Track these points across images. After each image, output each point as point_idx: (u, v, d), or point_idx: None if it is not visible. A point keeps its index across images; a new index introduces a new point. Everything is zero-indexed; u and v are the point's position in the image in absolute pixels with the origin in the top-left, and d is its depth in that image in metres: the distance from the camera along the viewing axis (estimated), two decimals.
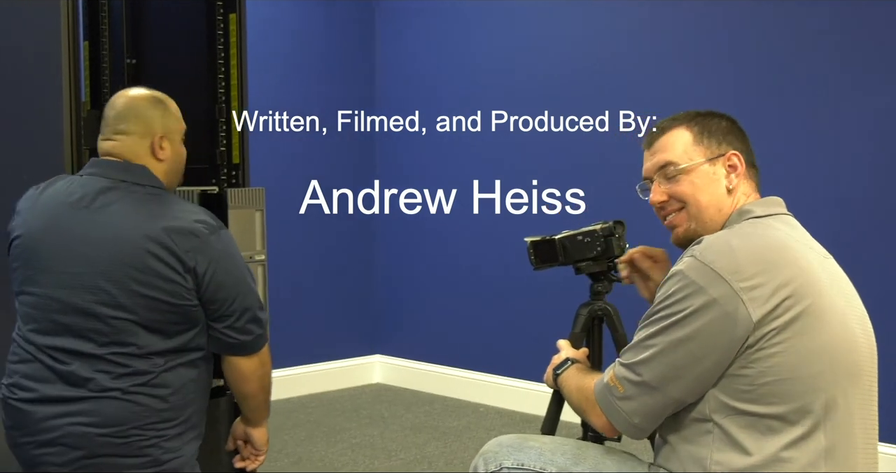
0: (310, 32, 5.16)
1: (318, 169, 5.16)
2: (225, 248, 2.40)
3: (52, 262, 2.37)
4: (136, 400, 2.31)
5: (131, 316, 2.31)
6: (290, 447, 4.16)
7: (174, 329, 2.36)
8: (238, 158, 3.28)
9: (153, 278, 2.30)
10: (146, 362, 2.32)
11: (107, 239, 2.33)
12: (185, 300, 2.34)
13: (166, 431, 2.34)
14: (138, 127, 2.49)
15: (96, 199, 2.40)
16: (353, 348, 5.37)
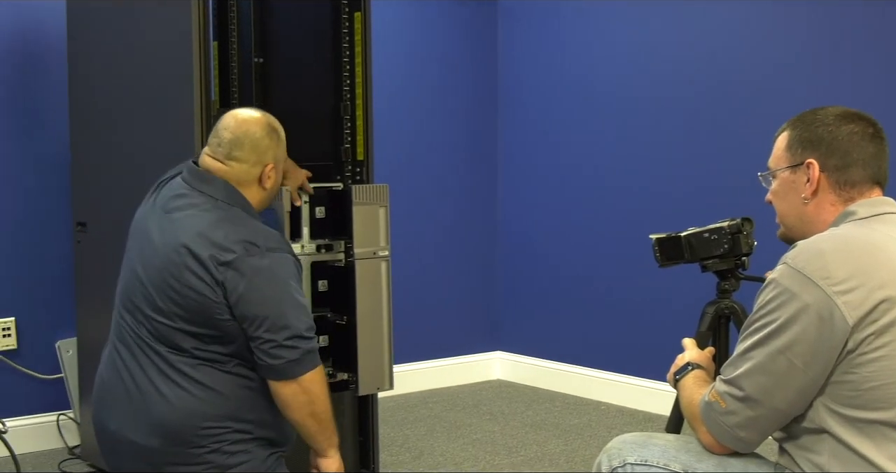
0: (432, 32, 5.17)
1: (441, 167, 5.19)
2: (265, 268, 2.36)
3: (129, 260, 2.50)
4: (183, 405, 2.33)
5: (168, 321, 2.36)
6: (412, 441, 4.19)
7: (211, 339, 2.38)
8: (362, 155, 3.32)
9: (187, 289, 2.34)
10: (188, 364, 2.36)
11: (162, 245, 2.40)
12: (216, 314, 2.34)
13: (226, 436, 2.35)
14: (252, 156, 2.51)
15: (171, 204, 2.47)
16: (473, 344, 5.37)
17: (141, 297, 2.41)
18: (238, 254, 2.34)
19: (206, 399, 2.33)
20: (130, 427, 2.36)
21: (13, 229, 4.04)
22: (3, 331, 4.01)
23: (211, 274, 2.32)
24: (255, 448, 2.38)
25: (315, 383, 2.39)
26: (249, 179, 2.52)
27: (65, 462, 3.88)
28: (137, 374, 2.38)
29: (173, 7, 3.17)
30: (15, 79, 4.05)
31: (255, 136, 2.51)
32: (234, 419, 2.36)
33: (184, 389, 2.33)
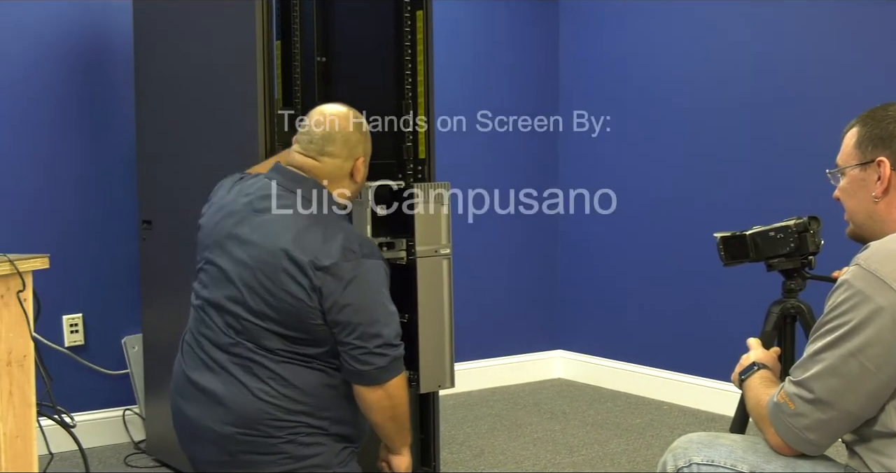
0: (493, 30, 5.16)
1: (503, 165, 5.18)
2: (361, 275, 2.37)
3: (212, 256, 2.48)
4: (264, 398, 2.35)
5: (258, 321, 2.37)
6: (473, 439, 4.19)
7: (300, 341, 2.39)
8: (424, 153, 3.33)
9: (283, 293, 2.34)
10: (272, 361, 2.37)
11: (256, 246, 2.40)
12: (310, 318, 2.35)
13: (301, 429, 2.36)
14: (344, 150, 2.54)
15: (262, 204, 2.47)
16: (535, 343, 5.36)
17: (229, 294, 2.41)
18: (336, 260, 2.34)
19: (287, 395, 2.35)
20: (209, 416, 2.38)
21: (81, 228, 4.10)
22: (71, 327, 4.08)
23: (309, 279, 2.33)
24: (329, 442, 2.39)
25: (399, 388, 2.43)
26: (342, 174, 2.55)
27: (130, 457, 3.94)
28: (219, 368, 2.40)
29: (237, 7, 3.20)
30: (83, 81, 4.11)
31: (346, 131, 2.54)
32: (311, 415, 2.38)
33: (265, 383, 2.35)
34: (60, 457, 3.10)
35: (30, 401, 2.16)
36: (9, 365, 2.10)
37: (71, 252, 4.03)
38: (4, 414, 2.10)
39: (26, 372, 2.15)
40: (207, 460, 2.44)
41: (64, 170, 4.07)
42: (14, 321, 2.11)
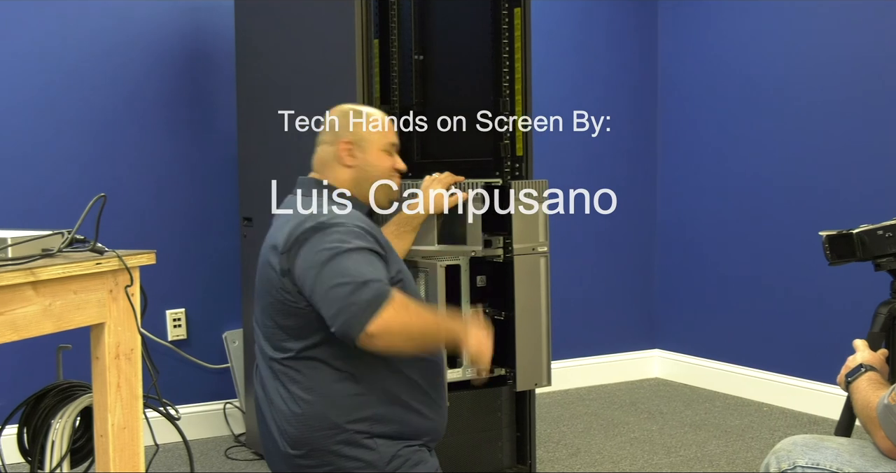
0: (591, 27, 5.12)
1: (601, 164, 5.14)
2: (312, 242, 2.29)
3: None
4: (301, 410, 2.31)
5: (270, 322, 2.37)
6: (569, 438, 4.17)
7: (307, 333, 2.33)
8: (521, 151, 3.32)
9: (269, 287, 2.35)
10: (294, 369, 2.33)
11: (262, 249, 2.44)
12: (294, 303, 2.31)
13: (343, 436, 2.30)
14: (330, 136, 2.59)
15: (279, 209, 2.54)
16: (632, 342, 5.31)
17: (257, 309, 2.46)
18: (292, 241, 2.30)
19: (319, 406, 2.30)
20: (265, 430, 2.40)
21: (185, 225, 4.19)
22: (174, 322, 4.17)
23: (280, 265, 2.31)
24: (379, 445, 2.33)
25: (388, 322, 2.17)
26: (329, 158, 2.58)
27: (231, 449, 4.01)
28: (264, 383, 2.42)
29: (337, 6, 3.24)
30: (186, 81, 4.20)
31: (332, 119, 2.62)
32: (350, 421, 2.31)
33: (298, 398, 2.31)
34: (164, 449, 3.17)
35: (137, 394, 2.21)
36: (117, 358, 2.15)
37: (174, 248, 4.12)
38: (113, 406, 2.15)
39: (133, 365, 2.20)
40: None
41: (168, 168, 4.16)
42: (122, 315, 2.16)
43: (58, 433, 2.36)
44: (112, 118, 4.05)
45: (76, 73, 3.98)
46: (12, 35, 3.87)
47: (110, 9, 4.03)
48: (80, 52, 3.99)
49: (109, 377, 2.15)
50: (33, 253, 2.01)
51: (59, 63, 3.96)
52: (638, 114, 5.24)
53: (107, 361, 2.14)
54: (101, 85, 4.02)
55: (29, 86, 3.90)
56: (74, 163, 3.98)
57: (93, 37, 4.01)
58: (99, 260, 2.08)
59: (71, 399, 2.42)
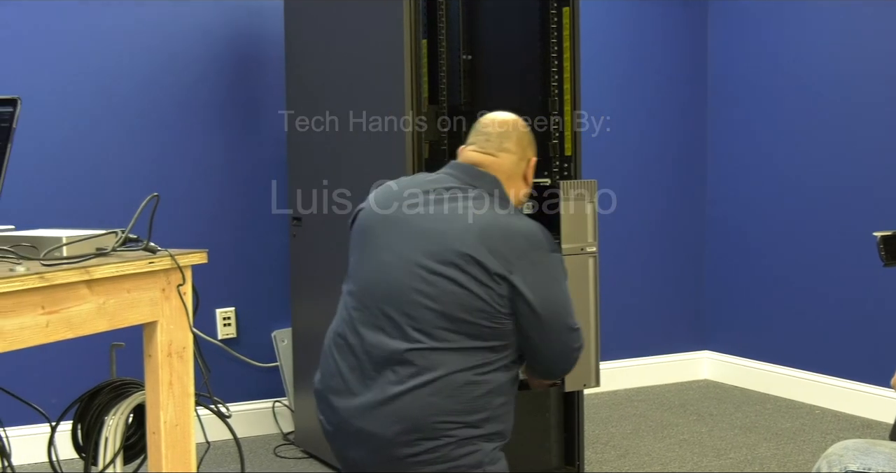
0: (640, 27, 5.09)
1: (649, 163, 5.11)
2: (546, 267, 2.39)
3: (382, 241, 2.43)
4: (423, 395, 2.30)
5: (431, 303, 2.31)
6: (617, 440, 4.15)
7: (469, 320, 2.33)
8: (570, 151, 3.31)
9: (464, 277, 2.31)
10: (431, 360, 2.32)
11: (436, 232, 2.37)
12: (490, 304, 2.32)
13: (456, 431, 2.31)
14: (519, 149, 2.57)
15: (443, 193, 2.45)
16: (681, 343, 5.27)
17: (396, 289, 2.37)
18: (524, 247, 2.36)
19: (445, 395, 2.31)
20: (365, 415, 2.36)
21: (235, 224, 4.22)
22: (224, 321, 4.21)
23: (497, 263, 2.32)
24: (482, 443, 2.35)
25: None
26: (517, 172, 2.57)
27: (279, 448, 4.04)
28: (379, 367, 2.37)
29: (386, 7, 3.25)
30: (235, 82, 4.24)
31: (520, 130, 2.60)
32: (468, 413, 2.32)
33: (425, 383, 2.30)
34: (214, 446, 3.20)
35: (188, 391, 2.24)
36: (169, 357, 2.18)
37: (224, 247, 4.16)
38: (165, 403, 2.18)
39: (185, 364, 2.22)
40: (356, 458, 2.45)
41: (218, 168, 4.20)
42: (174, 313, 2.18)
43: (111, 429, 2.39)
44: (164, 119, 4.09)
45: (129, 74, 4.03)
46: (67, 38, 3.93)
47: (162, 11, 4.07)
48: (133, 54, 4.04)
49: (162, 375, 2.17)
50: (88, 252, 2.04)
51: (111, 64, 4.01)
52: (687, 114, 5.20)
53: (159, 359, 2.17)
54: (153, 86, 4.07)
55: (83, 88, 3.96)
56: (128, 163, 4.03)
57: (145, 39, 4.05)
58: (152, 260, 2.10)
59: (124, 396, 2.45)
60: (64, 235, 2.06)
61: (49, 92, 3.89)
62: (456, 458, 2.31)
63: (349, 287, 2.48)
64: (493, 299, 2.32)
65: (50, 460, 2.52)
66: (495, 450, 2.39)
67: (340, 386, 2.40)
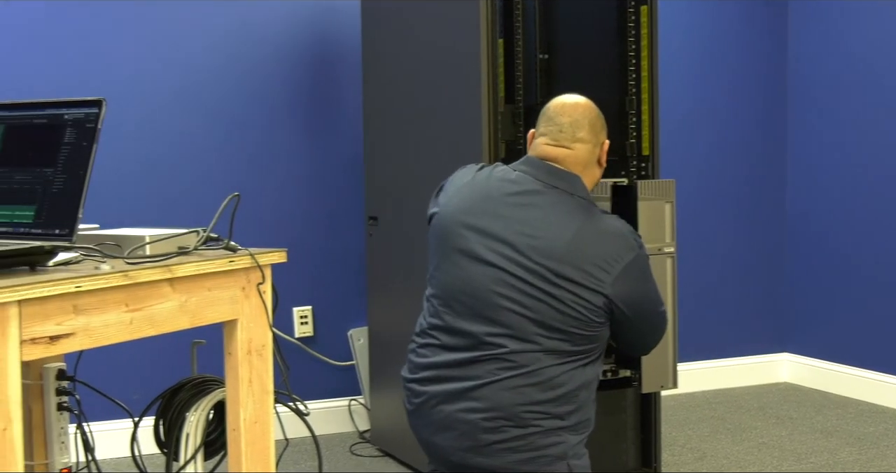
0: (719, 25, 5.02)
1: (728, 163, 5.05)
2: (637, 268, 2.42)
3: (467, 245, 2.42)
4: (512, 385, 2.33)
5: (523, 311, 2.34)
6: (694, 442, 4.11)
7: (563, 329, 2.34)
8: (648, 150, 3.29)
9: (558, 291, 2.32)
10: (529, 354, 2.34)
11: (526, 235, 2.37)
12: (584, 315, 2.34)
13: (543, 422, 2.34)
14: (592, 136, 2.53)
15: (526, 197, 2.43)
16: (760, 344, 5.19)
17: (484, 296, 2.38)
18: (624, 252, 2.39)
19: (534, 386, 2.33)
20: (453, 401, 2.38)
21: (311, 223, 4.27)
22: (301, 319, 4.25)
23: (592, 289, 2.33)
24: (567, 435, 2.37)
25: None
26: (591, 160, 2.55)
27: (355, 446, 4.07)
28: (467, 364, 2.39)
29: (462, 6, 3.25)
30: (312, 82, 4.28)
31: (591, 116, 2.55)
32: (555, 405, 2.34)
33: (515, 375, 2.33)
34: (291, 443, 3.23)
35: (268, 389, 2.26)
36: (249, 354, 2.20)
37: (301, 246, 4.20)
38: (245, 401, 2.20)
39: (265, 362, 2.24)
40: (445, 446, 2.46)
41: (295, 168, 4.24)
42: (254, 312, 2.21)
43: (192, 426, 2.42)
44: (244, 120, 4.15)
45: (207, 74, 4.10)
46: (145, 38, 4.00)
47: (238, 11, 4.13)
48: (211, 54, 4.10)
49: (241, 372, 2.20)
50: (170, 250, 2.08)
51: (193, 65, 4.08)
52: (766, 113, 5.13)
53: (239, 357, 2.19)
54: (230, 86, 4.13)
55: (166, 89, 4.03)
56: (206, 163, 4.09)
57: (222, 39, 4.12)
58: (232, 258, 2.13)
59: (205, 393, 2.48)
60: (147, 234, 2.10)
61: (133, 93, 3.97)
62: (541, 447, 2.34)
63: (433, 290, 2.50)
64: (588, 310, 2.34)
65: (132, 455, 2.57)
66: (580, 445, 2.41)
67: (428, 375, 2.44)
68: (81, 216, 1.93)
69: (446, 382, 2.40)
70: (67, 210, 1.95)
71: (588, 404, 2.43)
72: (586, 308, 2.33)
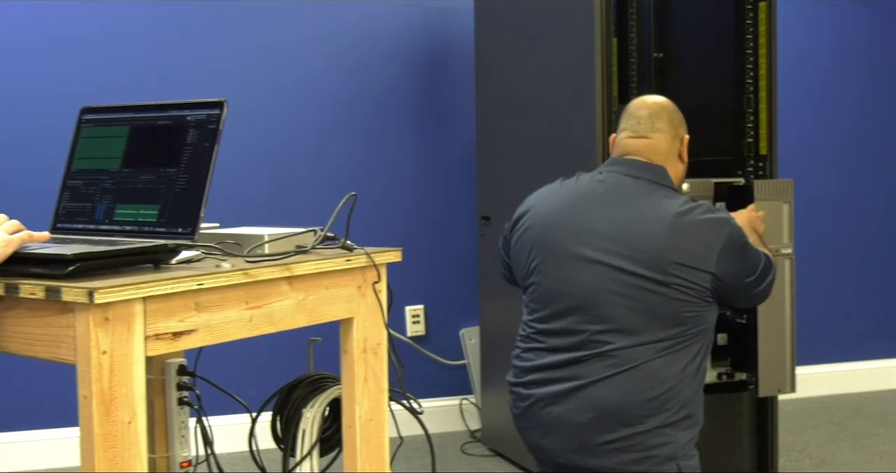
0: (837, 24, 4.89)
1: (847, 163, 4.91)
2: (736, 242, 2.42)
3: (569, 247, 2.45)
4: (622, 384, 2.33)
5: (632, 303, 2.35)
6: (812, 448, 4.01)
7: (670, 316, 2.35)
8: (766, 149, 3.23)
9: (671, 266, 2.33)
10: (635, 350, 2.34)
11: (626, 229, 2.39)
12: (692, 298, 2.35)
13: (650, 420, 2.33)
14: (671, 128, 2.57)
15: (618, 194, 2.47)
16: (882, 348, 5.04)
17: (590, 292, 2.39)
18: (721, 230, 2.39)
19: (641, 382, 2.33)
20: (560, 402, 2.39)
21: (424, 223, 4.30)
22: (413, 318, 4.28)
23: (700, 253, 2.35)
24: (676, 433, 2.36)
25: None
26: (672, 151, 2.57)
27: (466, 445, 4.08)
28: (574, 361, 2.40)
29: (577, 6, 3.24)
30: (425, 81, 4.31)
31: (669, 109, 2.60)
32: (662, 402, 2.34)
33: (621, 372, 2.34)
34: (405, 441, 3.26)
35: (382, 387, 2.28)
36: (364, 353, 2.23)
37: (413, 245, 4.21)
38: (360, 398, 2.23)
39: (380, 360, 2.27)
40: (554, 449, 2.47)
41: (408, 168, 4.28)
42: (370, 310, 2.23)
43: (308, 422, 2.46)
44: (355, 119, 4.20)
45: (320, 74, 4.17)
46: (258, 39, 4.08)
47: (351, 10, 4.18)
48: (324, 54, 4.16)
49: (357, 370, 2.22)
50: (288, 249, 2.11)
51: (303, 64, 4.15)
52: (886, 112, 4.97)
53: (355, 355, 2.22)
54: (343, 86, 4.19)
55: (277, 89, 4.11)
56: (320, 163, 4.16)
57: (335, 38, 4.18)
58: (349, 257, 2.16)
59: (321, 390, 2.52)
60: (266, 233, 2.14)
61: (248, 93, 4.05)
62: (650, 447, 2.33)
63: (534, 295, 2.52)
64: (696, 291, 2.35)
65: (250, 449, 2.62)
66: (689, 444, 2.40)
67: (533, 378, 2.45)
68: (203, 215, 1.98)
69: (552, 384, 2.41)
70: (190, 209, 1.99)
71: (694, 400, 2.42)
72: (694, 289, 2.34)
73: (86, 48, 3.92)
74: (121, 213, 2.09)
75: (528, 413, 2.47)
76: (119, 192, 2.11)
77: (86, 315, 1.65)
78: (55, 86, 3.88)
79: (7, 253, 1.77)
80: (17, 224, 1.85)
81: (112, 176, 2.14)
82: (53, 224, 2.17)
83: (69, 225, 2.15)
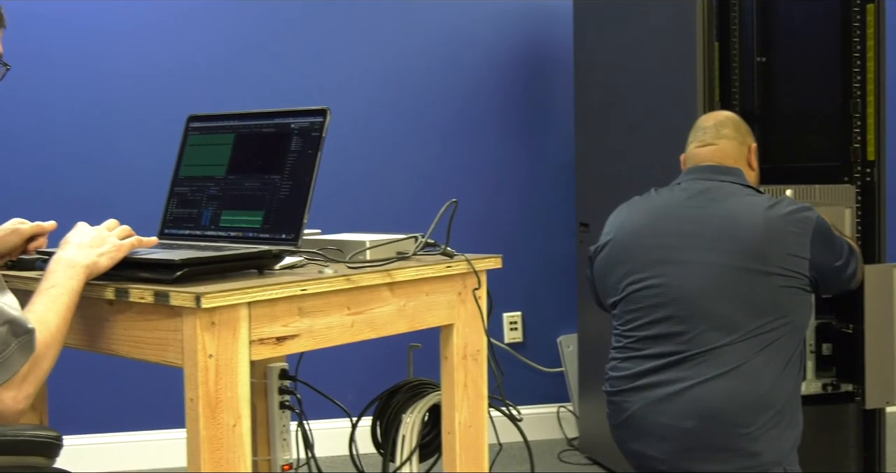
0: None
1: None
2: (824, 230, 2.47)
3: (664, 253, 2.46)
4: (725, 387, 2.31)
5: (733, 299, 2.35)
6: None
7: (764, 310, 2.35)
8: (873, 155, 3.15)
9: (771, 255, 2.36)
10: (735, 347, 2.33)
11: (719, 228, 2.41)
12: (795, 283, 2.39)
13: (753, 423, 2.31)
14: (738, 135, 2.65)
15: (703, 197, 2.50)
16: None
17: (697, 288, 2.40)
18: (809, 223, 2.42)
19: (742, 383, 2.32)
20: (662, 408, 2.38)
21: (522, 229, 4.29)
22: (511, 325, 4.28)
23: (797, 243, 2.39)
24: (780, 437, 2.33)
25: None
26: (740, 157, 2.64)
27: (563, 453, 4.06)
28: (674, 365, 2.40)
29: (678, 10, 3.20)
30: (522, 86, 4.30)
31: (734, 118, 2.70)
32: (763, 404, 2.32)
33: (722, 374, 2.33)
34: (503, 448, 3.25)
35: (482, 393, 2.28)
36: (464, 359, 2.23)
37: (511, 252, 4.20)
38: (460, 405, 2.23)
39: (480, 366, 2.27)
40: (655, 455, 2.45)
41: (506, 174, 4.28)
42: (470, 317, 2.24)
43: (408, 428, 2.47)
44: (453, 124, 4.22)
45: (418, 80, 4.19)
46: (356, 44, 4.12)
47: (450, 14, 4.20)
48: (422, 58, 4.19)
49: (457, 376, 2.23)
50: (389, 255, 2.12)
51: (401, 69, 4.18)
52: None
53: (455, 361, 2.22)
54: (442, 90, 4.21)
55: (376, 94, 4.15)
56: (419, 169, 4.18)
57: (433, 43, 4.21)
58: (449, 264, 2.16)
59: (420, 396, 2.53)
60: (367, 239, 2.16)
61: (347, 99, 4.09)
62: (754, 454, 2.31)
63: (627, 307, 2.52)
64: (797, 282, 2.39)
65: (351, 454, 2.64)
66: (793, 451, 2.38)
67: (633, 385, 2.45)
68: (306, 221, 2.00)
69: (654, 388, 2.40)
70: (293, 215, 2.02)
71: (793, 402, 2.40)
72: (794, 277, 2.38)
73: (193, 57, 4.00)
74: (226, 219, 2.13)
75: (628, 422, 2.45)
76: (225, 199, 2.15)
77: (193, 319, 1.68)
78: (165, 95, 3.97)
79: (118, 257, 1.81)
80: (127, 229, 1.89)
81: (218, 183, 2.18)
82: (161, 229, 2.22)
83: (176, 230, 2.20)
